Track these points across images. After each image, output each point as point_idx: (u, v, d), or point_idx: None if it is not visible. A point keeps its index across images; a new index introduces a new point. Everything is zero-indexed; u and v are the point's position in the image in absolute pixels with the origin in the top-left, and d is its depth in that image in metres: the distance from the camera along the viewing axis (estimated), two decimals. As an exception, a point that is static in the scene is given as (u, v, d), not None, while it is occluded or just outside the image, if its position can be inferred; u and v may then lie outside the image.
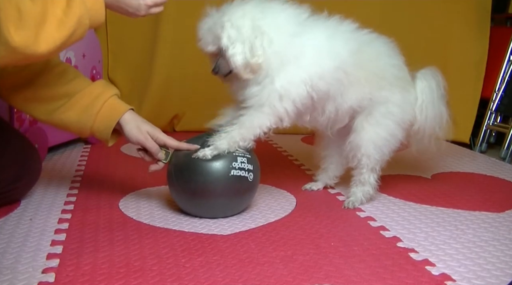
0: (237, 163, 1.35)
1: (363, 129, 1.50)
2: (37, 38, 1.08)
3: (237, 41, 1.31)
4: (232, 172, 1.34)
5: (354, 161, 1.53)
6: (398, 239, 1.29)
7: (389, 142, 1.52)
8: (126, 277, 1.05)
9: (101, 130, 1.37)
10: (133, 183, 1.64)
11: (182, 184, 1.38)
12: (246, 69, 1.34)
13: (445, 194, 1.68)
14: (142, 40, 2.61)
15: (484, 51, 2.59)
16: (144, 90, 2.58)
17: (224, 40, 1.32)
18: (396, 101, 1.50)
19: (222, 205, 1.39)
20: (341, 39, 1.44)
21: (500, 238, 1.32)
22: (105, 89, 1.39)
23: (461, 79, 2.59)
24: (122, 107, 1.38)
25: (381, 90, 1.49)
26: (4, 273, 1.06)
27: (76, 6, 1.13)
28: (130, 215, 1.42)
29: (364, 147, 1.50)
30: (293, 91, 1.36)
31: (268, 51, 1.33)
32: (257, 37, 1.32)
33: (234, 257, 1.16)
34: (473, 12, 2.60)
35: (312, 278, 1.07)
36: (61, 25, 1.11)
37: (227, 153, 1.35)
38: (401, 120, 1.52)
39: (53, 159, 2.03)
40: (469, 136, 2.57)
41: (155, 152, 1.38)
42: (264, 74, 1.35)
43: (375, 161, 1.52)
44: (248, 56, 1.32)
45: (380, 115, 1.50)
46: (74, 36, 1.15)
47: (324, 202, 1.56)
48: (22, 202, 1.51)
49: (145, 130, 1.37)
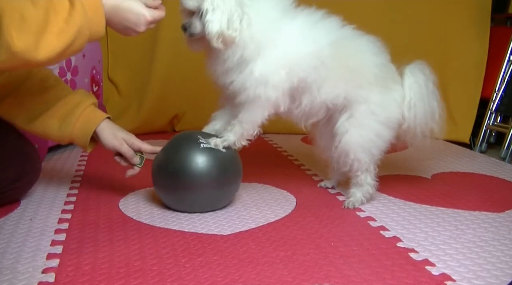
0: (202, 141, 1.40)
1: (347, 132, 1.48)
2: (37, 45, 1.09)
3: (219, 8, 1.32)
4: (202, 145, 1.39)
5: (346, 166, 1.52)
6: (398, 239, 1.29)
7: (376, 143, 1.50)
8: (126, 277, 1.05)
9: (80, 137, 1.41)
10: (133, 183, 1.64)
11: (164, 184, 1.43)
12: (219, 39, 1.33)
13: (445, 194, 1.68)
14: (142, 40, 2.61)
15: (484, 51, 2.59)
16: (144, 90, 2.58)
17: (207, 3, 1.32)
18: (376, 101, 1.48)
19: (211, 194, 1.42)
20: (322, 29, 1.44)
21: (500, 238, 1.32)
22: (84, 98, 1.44)
23: (461, 79, 2.60)
24: (99, 116, 1.43)
25: (359, 88, 1.47)
26: (4, 273, 1.06)
27: (77, 16, 1.13)
28: (130, 215, 1.42)
29: (352, 152, 1.48)
30: (272, 76, 1.38)
31: (245, 32, 1.33)
32: (237, 12, 1.32)
33: (234, 257, 1.16)
34: (473, 12, 2.60)
35: (312, 278, 1.07)
36: (61, 33, 1.12)
37: (191, 138, 1.40)
38: (385, 119, 1.50)
39: (53, 159, 2.03)
40: (469, 136, 2.57)
41: (130, 157, 1.45)
42: (239, 57, 1.35)
43: (366, 164, 1.51)
44: (224, 27, 1.32)
45: (361, 116, 1.48)
46: (74, 46, 1.15)
47: (324, 202, 1.56)
48: (22, 202, 1.51)
49: (120, 137, 1.44)
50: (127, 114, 2.59)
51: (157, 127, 2.61)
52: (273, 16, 1.39)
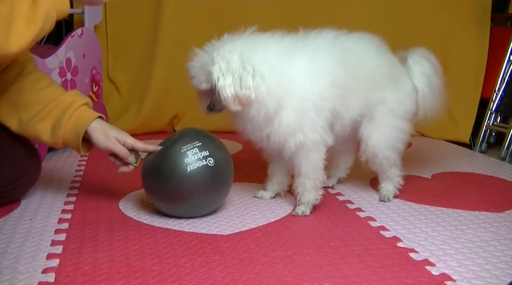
0: (188, 158, 1.34)
1: (371, 136, 1.52)
2: (8, 39, 1.09)
3: (227, 73, 1.32)
4: (189, 169, 1.33)
5: (375, 166, 1.58)
6: (398, 239, 1.29)
7: (400, 138, 1.56)
8: (126, 277, 1.05)
9: (72, 138, 1.37)
10: (133, 183, 1.64)
11: (153, 193, 1.41)
12: (235, 101, 1.34)
13: (445, 194, 1.68)
14: (142, 40, 2.61)
15: (484, 51, 2.59)
16: (144, 90, 2.58)
17: (215, 72, 1.33)
18: (392, 98, 1.52)
19: (201, 200, 1.38)
20: (327, 54, 1.43)
21: (500, 238, 1.32)
22: (76, 98, 1.40)
23: (461, 79, 2.59)
24: (89, 116, 1.38)
25: (374, 92, 1.51)
26: (4, 273, 1.06)
27: (42, 1, 1.13)
28: (130, 215, 1.42)
29: (380, 153, 1.54)
30: (303, 122, 1.38)
31: (262, 88, 1.33)
32: (246, 70, 1.32)
33: (234, 257, 1.16)
34: (473, 12, 2.60)
35: (312, 278, 1.07)
36: (29, 22, 1.12)
37: (176, 153, 1.35)
38: (403, 113, 1.55)
39: (53, 159, 2.03)
40: (469, 136, 2.57)
41: (125, 156, 1.40)
42: (264, 114, 1.35)
43: (394, 159, 1.57)
44: (238, 88, 1.32)
45: (382, 116, 1.52)
46: (43, 31, 1.16)
47: (324, 202, 1.56)
48: (22, 202, 1.51)
49: (113, 136, 1.38)
50: (127, 114, 2.59)
51: (157, 127, 2.61)
52: (281, 63, 1.37)
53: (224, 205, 1.50)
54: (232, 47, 1.34)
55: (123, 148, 1.39)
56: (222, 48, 1.34)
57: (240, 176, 1.68)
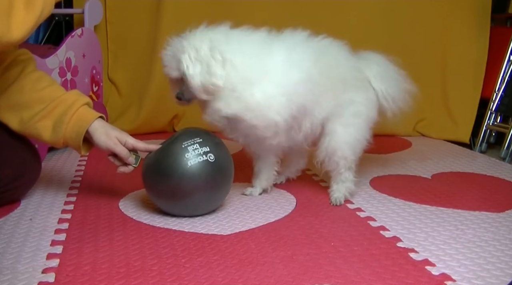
0: (189, 153, 1.34)
1: (336, 132, 1.51)
2: (9, 26, 1.09)
3: (196, 61, 1.33)
4: (189, 164, 1.33)
5: (331, 164, 1.55)
6: (398, 239, 1.29)
7: (361, 141, 1.55)
8: (126, 277, 1.05)
9: (73, 137, 1.37)
10: (133, 183, 1.64)
11: (154, 190, 1.40)
12: (203, 90, 1.35)
13: (445, 194, 1.68)
14: (142, 40, 2.61)
15: (484, 51, 2.59)
16: (144, 90, 2.58)
17: (184, 61, 1.33)
18: (362, 101, 1.54)
19: (201, 197, 1.37)
20: (302, 51, 1.45)
21: (500, 238, 1.32)
22: (77, 97, 1.40)
23: (461, 79, 2.60)
24: (91, 115, 1.38)
25: (346, 93, 1.51)
26: (4, 273, 1.06)
27: None
28: (130, 215, 1.42)
29: (340, 150, 1.52)
30: (273, 101, 1.38)
31: (232, 75, 1.34)
32: (215, 59, 1.33)
33: (234, 257, 1.16)
34: (473, 12, 2.60)
35: (312, 278, 1.07)
36: (29, 7, 1.11)
37: (176, 149, 1.35)
38: (368, 118, 1.56)
39: (53, 159, 2.03)
40: (469, 136, 2.57)
41: (125, 157, 1.39)
42: (229, 92, 1.36)
43: (351, 161, 1.55)
44: (207, 77, 1.33)
45: (350, 115, 1.52)
46: (43, 14, 1.16)
47: (324, 202, 1.56)
48: (22, 202, 1.51)
49: (114, 136, 1.38)
50: (127, 114, 2.59)
51: (157, 127, 2.60)
52: (255, 53, 1.39)
53: (224, 205, 1.50)
54: (202, 36, 1.35)
55: (124, 148, 1.39)
56: (193, 37, 1.35)
57: (240, 176, 1.68)
